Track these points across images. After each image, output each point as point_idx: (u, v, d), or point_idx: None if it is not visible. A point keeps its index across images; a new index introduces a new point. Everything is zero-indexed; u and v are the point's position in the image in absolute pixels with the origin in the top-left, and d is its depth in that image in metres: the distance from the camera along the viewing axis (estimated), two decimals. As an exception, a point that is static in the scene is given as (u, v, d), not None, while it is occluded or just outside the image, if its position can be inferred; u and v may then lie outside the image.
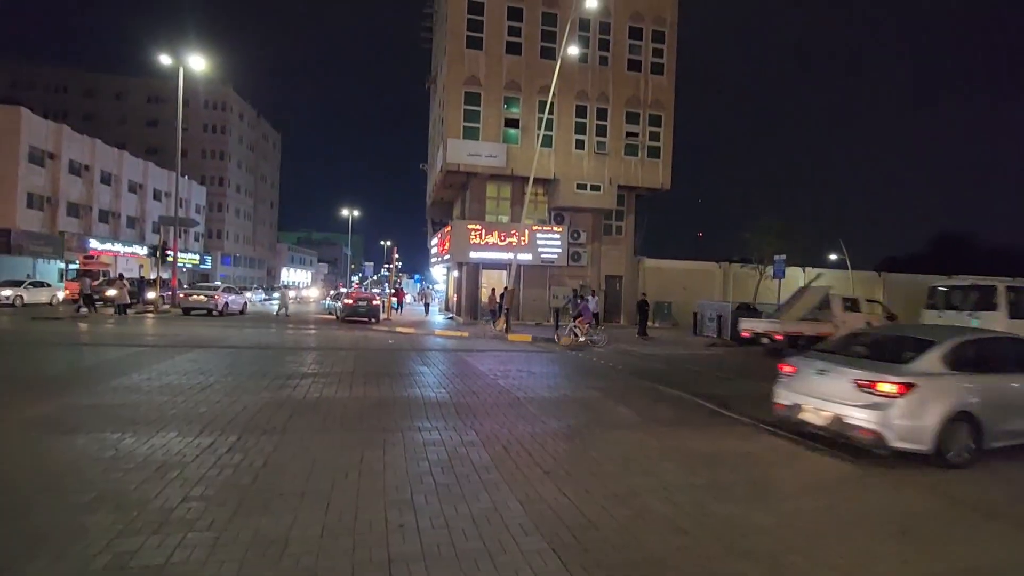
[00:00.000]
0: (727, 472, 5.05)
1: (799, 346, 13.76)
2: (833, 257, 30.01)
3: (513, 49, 23.04)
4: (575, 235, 24.22)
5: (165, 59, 22.99)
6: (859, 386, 5.41)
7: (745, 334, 16.10)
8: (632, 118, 24.43)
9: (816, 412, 5.78)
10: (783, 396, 6.29)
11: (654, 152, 24.73)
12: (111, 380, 7.87)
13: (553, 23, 23.09)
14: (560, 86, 21.75)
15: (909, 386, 5.20)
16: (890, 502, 4.54)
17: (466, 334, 18.07)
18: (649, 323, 20.54)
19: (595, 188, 23.69)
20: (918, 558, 3.52)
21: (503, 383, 9.30)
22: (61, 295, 25.71)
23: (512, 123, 23.24)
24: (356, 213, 61.56)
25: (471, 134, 22.79)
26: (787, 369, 6.42)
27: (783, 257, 19.53)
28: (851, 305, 16.32)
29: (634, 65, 24.37)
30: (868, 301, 17.23)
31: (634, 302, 22.30)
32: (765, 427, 6.75)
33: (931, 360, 5.56)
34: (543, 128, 19.80)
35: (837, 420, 5.51)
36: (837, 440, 5.70)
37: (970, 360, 5.70)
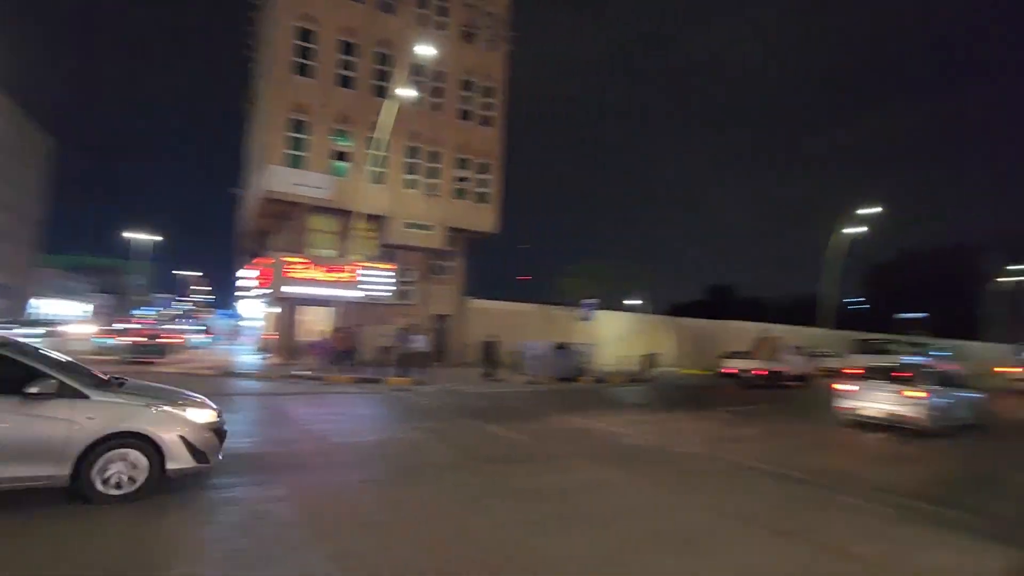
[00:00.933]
0: (546, 505, 5.27)
1: (773, 379, 19.63)
2: (630, 302, 34.03)
3: (345, 82, 22.59)
4: (405, 273, 24.00)
5: None
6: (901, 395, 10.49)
7: (731, 370, 21.18)
8: (462, 163, 25.40)
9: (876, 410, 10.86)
10: (848, 404, 11.36)
11: (483, 197, 25.91)
12: None
13: (386, 63, 23.25)
14: (393, 126, 21.83)
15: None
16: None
17: (280, 376, 16.54)
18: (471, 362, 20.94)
19: (425, 228, 23.90)
20: (697, 569, 4.00)
21: (319, 428, 8.65)
22: None
23: (341, 156, 22.55)
24: (149, 237, 53.35)
25: (296, 162, 21.54)
26: (849, 388, 11.47)
27: (593, 301, 21.62)
28: (795, 350, 22.31)
29: (465, 115, 25.54)
30: (797, 347, 22.96)
31: (462, 342, 22.63)
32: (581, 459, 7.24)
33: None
34: (373, 164, 19.55)
35: (892, 414, 10.58)
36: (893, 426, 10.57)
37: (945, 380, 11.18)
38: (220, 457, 5.30)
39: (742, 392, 18.65)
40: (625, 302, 34.32)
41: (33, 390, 4.36)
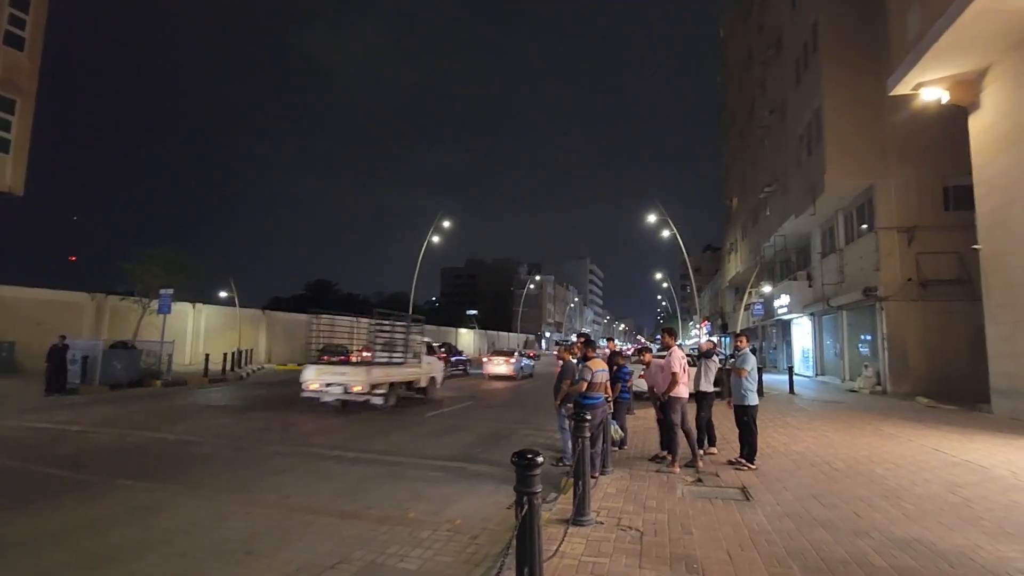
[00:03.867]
0: (63, 553, 4.09)
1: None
2: (223, 294, 30.77)
3: None
4: None
5: None
6: None
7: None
8: (-37, 89, 17.71)
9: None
10: None
11: (2, 145, 18.71)
12: None
13: None
14: None
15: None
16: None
17: None
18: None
19: None
20: (258, 574, 3.81)
21: None
22: None
23: None
24: None
25: None
26: None
27: (170, 291, 18.48)
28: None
29: (-27, 21, 17.91)
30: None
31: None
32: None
33: None
34: None
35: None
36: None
37: None
38: None
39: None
40: (221, 295, 30.67)
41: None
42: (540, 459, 3.01)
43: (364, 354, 14.52)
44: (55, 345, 14.85)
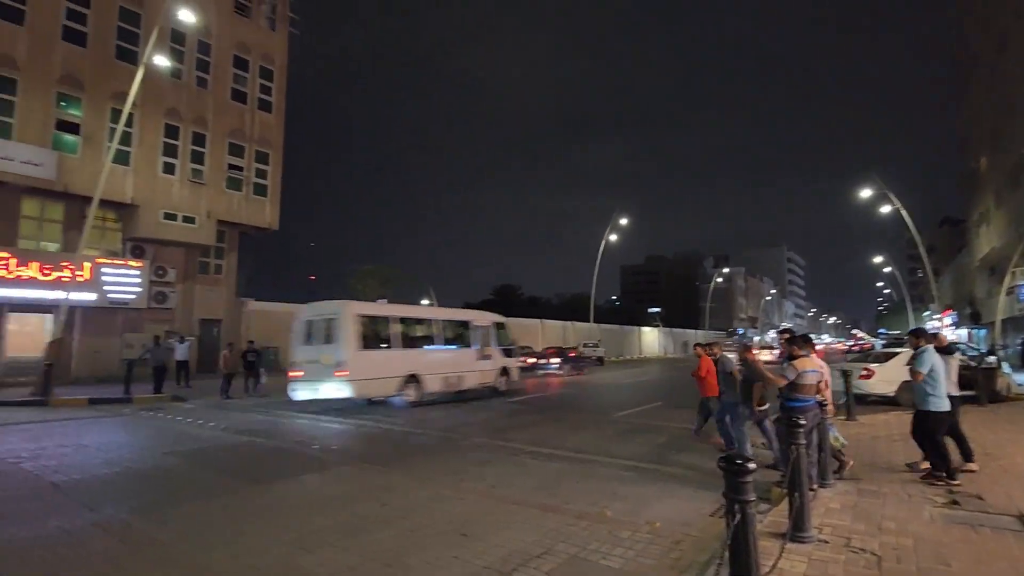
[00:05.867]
0: (324, 519, 4.97)
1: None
2: (424, 302, 34.42)
3: (75, 37, 18.36)
4: (160, 272, 20.52)
5: None
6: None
7: None
8: (236, 150, 22.71)
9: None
10: None
11: (261, 190, 23.54)
12: None
13: (135, 23, 19.58)
14: (144, 98, 18.48)
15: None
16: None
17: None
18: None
19: (189, 220, 20.76)
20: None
21: (31, 465, 6.89)
22: None
23: (70, 127, 18.29)
24: None
25: (-3, 130, 16.80)
26: None
27: (381, 301, 21.23)
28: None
29: (239, 96, 22.88)
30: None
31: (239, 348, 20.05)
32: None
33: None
34: (117, 141, 16.07)
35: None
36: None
37: None
38: None
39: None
40: (423, 302, 34.50)
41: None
42: (752, 465, 2.78)
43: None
44: (253, 349, 17.69)
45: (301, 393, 12.55)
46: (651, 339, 57.00)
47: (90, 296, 17.96)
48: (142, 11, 19.58)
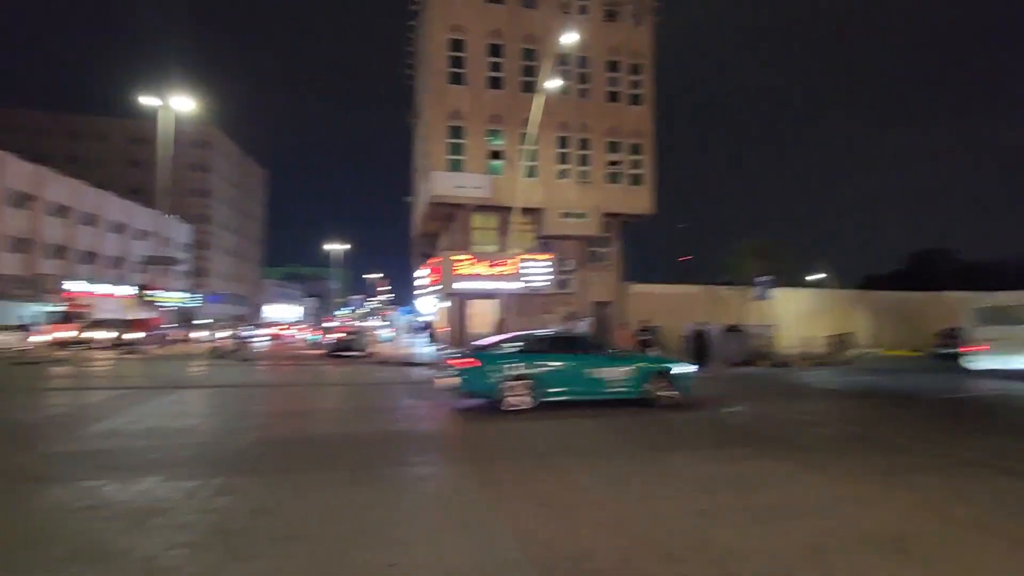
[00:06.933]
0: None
1: None
2: (814, 277, 30.44)
3: (494, 84, 23.56)
4: (562, 263, 24.39)
5: (147, 100, 23.13)
6: None
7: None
8: (613, 147, 24.96)
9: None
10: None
11: (637, 179, 25.21)
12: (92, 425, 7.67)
13: (532, 58, 23.71)
14: (542, 118, 22.23)
15: None
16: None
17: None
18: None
19: (580, 216, 23.98)
20: None
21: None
22: (44, 338, 25.17)
23: (496, 155, 23.61)
24: (342, 247, 61.29)
25: (455, 166, 23.10)
26: None
27: (766, 279, 19.79)
28: None
29: (613, 96, 25.02)
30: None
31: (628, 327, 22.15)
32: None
33: None
34: (526, 159, 20.07)
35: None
36: None
37: None
38: None
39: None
40: (808, 278, 30.83)
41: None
42: None
43: None
44: (698, 330, 18.42)
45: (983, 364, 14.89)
46: None
47: (517, 285, 22.83)
48: (536, 46, 23.57)
